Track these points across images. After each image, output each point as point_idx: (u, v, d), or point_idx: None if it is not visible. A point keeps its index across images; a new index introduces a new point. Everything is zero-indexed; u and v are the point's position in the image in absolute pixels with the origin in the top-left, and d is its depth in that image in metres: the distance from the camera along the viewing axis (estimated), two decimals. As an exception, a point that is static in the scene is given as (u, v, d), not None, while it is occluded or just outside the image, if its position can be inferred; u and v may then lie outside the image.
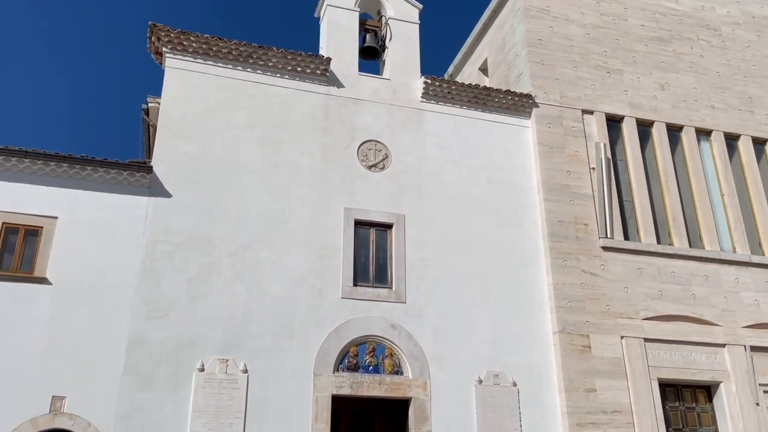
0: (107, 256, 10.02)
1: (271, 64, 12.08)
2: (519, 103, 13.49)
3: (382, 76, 13.24)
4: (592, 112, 13.94)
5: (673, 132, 14.54)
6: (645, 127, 14.36)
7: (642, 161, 13.83)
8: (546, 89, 13.80)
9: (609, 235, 12.71)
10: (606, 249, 12.64)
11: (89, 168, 10.21)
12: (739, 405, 12.08)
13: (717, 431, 12.16)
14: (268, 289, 10.73)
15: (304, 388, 10.32)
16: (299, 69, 12.23)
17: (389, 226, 11.89)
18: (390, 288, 11.45)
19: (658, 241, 13.16)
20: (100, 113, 37.96)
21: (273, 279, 10.80)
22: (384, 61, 13.63)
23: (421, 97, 13.02)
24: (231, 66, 11.91)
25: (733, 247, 13.68)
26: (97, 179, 10.33)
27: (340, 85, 12.58)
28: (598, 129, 13.79)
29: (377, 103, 12.71)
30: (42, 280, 9.59)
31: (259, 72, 12.06)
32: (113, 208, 10.28)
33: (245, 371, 10.11)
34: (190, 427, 9.58)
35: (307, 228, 11.32)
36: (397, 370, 10.96)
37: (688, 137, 14.50)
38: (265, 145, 11.63)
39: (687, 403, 12.28)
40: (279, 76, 12.17)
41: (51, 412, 9.09)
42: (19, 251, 9.74)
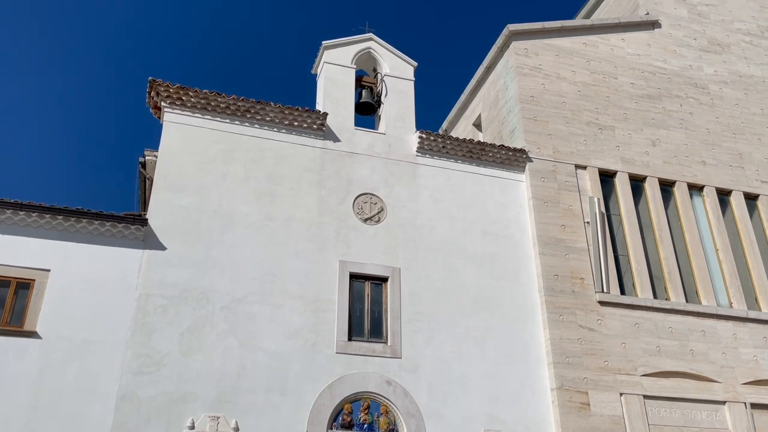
0: (99, 310, 9.88)
1: (268, 119, 12.24)
2: (513, 158, 13.65)
3: (377, 130, 13.42)
4: (585, 167, 14.10)
5: (666, 187, 14.70)
6: (637, 182, 14.51)
7: (636, 216, 13.92)
8: (539, 144, 13.99)
9: (605, 290, 12.66)
10: (603, 303, 12.57)
11: (84, 221, 10.19)
12: (742, 465, 11.79)
13: (721, 492, 11.83)
14: (262, 343, 10.57)
15: (296, 447, 10.04)
16: (296, 123, 12.39)
17: (384, 280, 11.83)
18: (385, 342, 11.29)
19: (655, 296, 13.11)
20: (97, 167, 38.25)
21: (266, 333, 10.66)
22: (380, 116, 13.85)
23: (416, 151, 13.17)
24: (228, 120, 12.06)
25: (730, 302, 13.63)
26: (91, 232, 10.28)
27: (336, 139, 12.73)
28: (591, 184, 13.93)
29: (373, 157, 12.84)
30: (32, 334, 9.41)
31: (256, 126, 12.22)
32: (107, 261, 10.20)
33: (236, 429, 9.84)
34: (178, 488, 9.25)
35: (301, 281, 11.25)
36: (392, 428, 10.70)
37: (680, 192, 14.64)
38: (261, 197, 11.67)
39: (689, 462, 11.99)
40: (276, 130, 12.32)
41: (34, 472, 8.77)
42: (9, 304, 9.59)
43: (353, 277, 11.66)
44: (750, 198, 15.27)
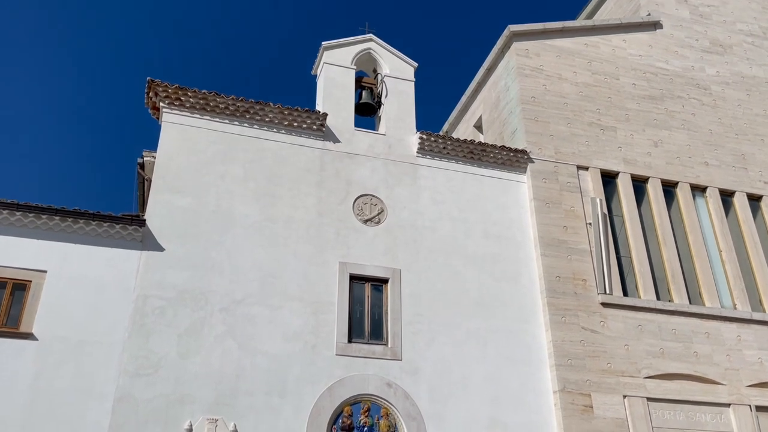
0: (96, 311, 9.78)
1: (267, 119, 12.16)
2: (514, 159, 13.55)
3: (377, 131, 13.34)
4: (587, 168, 14.00)
5: (668, 188, 14.58)
6: (640, 183, 14.40)
7: (638, 217, 13.80)
8: (541, 145, 13.90)
9: (608, 291, 12.53)
10: (605, 305, 12.44)
11: (81, 221, 10.10)
12: (747, 468, 11.64)
13: (726, 496, 11.68)
14: (261, 345, 10.46)
15: (295, 450, 9.92)
16: (295, 124, 12.31)
17: (385, 281, 11.72)
18: (385, 344, 11.18)
19: (658, 298, 12.98)
20: (96, 168, 38.09)
21: (266, 335, 10.55)
22: (380, 117, 13.77)
23: (417, 152, 13.08)
24: (227, 121, 11.98)
25: (734, 304, 13.50)
26: (88, 233, 10.19)
27: (335, 140, 12.65)
28: (593, 185, 13.82)
29: (373, 158, 12.75)
30: (28, 336, 9.31)
31: (255, 127, 12.14)
32: (104, 262, 10.11)
33: (235, 432, 9.73)
34: (175, 492, 9.13)
35: (301, 283, 11.14)
36: (393, 431, 10.56)
37: (683, 193, 14.53)
38: (260, 198, 11.58)
39: (694, 466, 11.83)
40: (275, 131, 12.24)
41: (30, 475, 8.66)
42: (5, 306, 9.50)
43: (353, 278, 11.56)
44: (753, 199, 15.15)
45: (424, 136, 13.05)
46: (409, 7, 41.93)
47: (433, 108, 33.86)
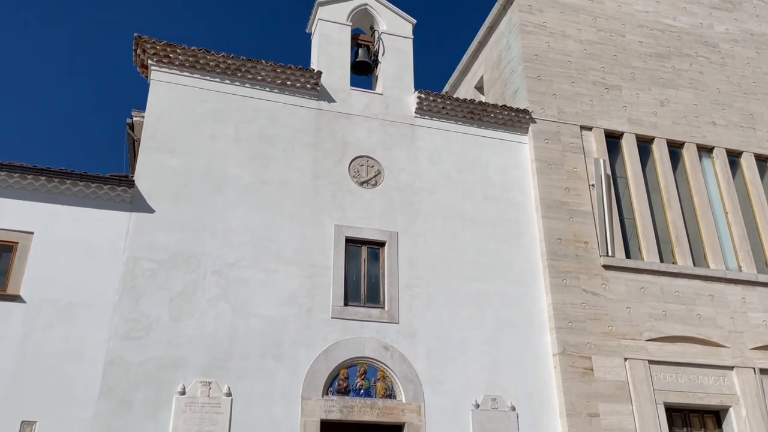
0: (85, 274, 9.57)
1: (260, 78, 11.79)
2: (516, 119, 13.17)
3: (374, 90, 12.95)
4: (590, 128, 13.61)
5: (674, 148, 14.20)
6: (645, 144, 14.02)
7: (643, 178, 13.45)
8: (543, 105, 13.49)
9: (610, 254, 12.26)
10: (607, 268, 12.18)
11: (68, 182, 9.83)
12: (749, 431, 11.49)
13: (727, 459, 11.56)
14: (255, 308, 10.26)
15: (291, 413, 9.79)
16: (289, 83, 11.94)
17: (381, 244, 11.47)
18: (382, 308, 10.98)
19: (661, 260, 12.71)
20: (85, 128, 37.13)
21: (260, 298, 10.34)
22: (377, 76, 13.36)
23: (415, 112, 12.71)
24: (218, 79, 11.62)
25: (739, 266, 13.22)
26: (76, 193, 9.93)
27: (331, 100, 12.28)
28: (597, 145, 13.45)
29: (369, 119, 12.39)
30: (15, 298, 9.12)
31: (248, 86, 11.77)
32: (92, 223, 9.87)
33: (229, 395, 9.59)
34: (168, 455, 9.02)
35: (296, 246, 10.90)
36: (389, 394, 10.42)
37: (689, 154, 14.15)
38: (253, 159, 11.28)
39: (695, 429, 11.70)
40: (268, 90, 11.87)
41: (20, 438, 8.55)
42: (-8, 268, 9.31)
43: (349, 241, 11.31)
44: (761, 159, 14.76)
45: (423, 96, 12.66)
46: (407, -39, 40.57)
47: (433, 71, 33.12)
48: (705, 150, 14.43)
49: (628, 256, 12.59)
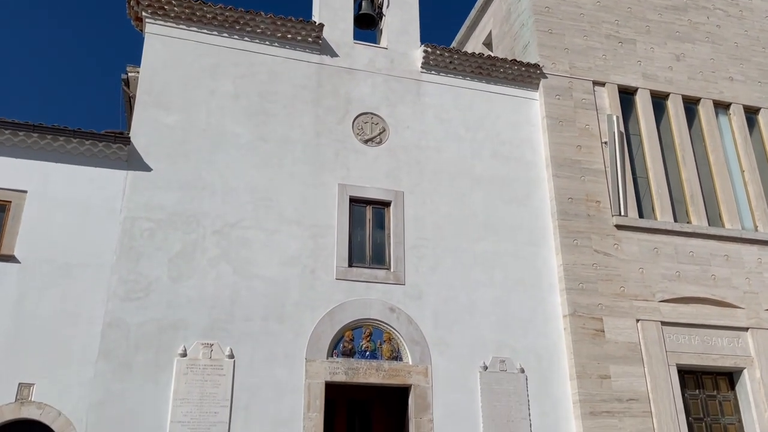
0: (81, 233, 9.27)
1: (259, 31, 11.30)
2: (526, 74, 12.67)
3: (378, 44, 12.44)
4: (603, 84, 13.10)
5: (690, 105, 13.69)
6: (660, 100, 13.51)
7: (657, 135, 12.98)
8: (554, 59, 12.97)
9: (622, 213, 11.88)
10: (619, 227, 11.82)
11: (62, 139, 9.47)
12: (764, 392, 11.25)
13: (740, 420, 11.34)
14: (257, 269, 9.97)
15: (295, 375, 9.58)
16: (289, 36, 11.45)
17: (387, 204, 11.12)
18: (388, 269, 10.67)
19: (675, 220, 12.33)
20: (80, 84, 36.10)
21: (262, 259, 10.05)
22: (381, 29, 12.84)
23: (421, 67, 12.22)
24: (216, 32, 11.14)
25: (755, 226, 12.84)
26: (70, 151, 9.58)
27: (333, 54, 11.80)
28: (610, 101, 12.95)
29: (374, 74, 11.92)
30: (9, 258, 8.85)
31: (246, 39, 11.29)
32: (87, 182, 9.53)
33: (231, 356, 9.37)
34: (170, 417, 8.83)
35: (298, 205, 10.56)
36: (396, 356, 10.19)
37: (705, 110, 13.64)
38: (253, 116, 10.87)
39: (708, 390, 11.46)
40: (267, 43, 11.39)
41: (17, 400, 8.36)
42: (-15, 228, 9.01)
43: (353, 201, 10.96)
44: (780, 116, 14.24)
45: (429, 50, 12.16)
46: None
47: (439, 28, 32.05)
48: (722, 106, 13.91)
49: (641, 216, 12.21)
